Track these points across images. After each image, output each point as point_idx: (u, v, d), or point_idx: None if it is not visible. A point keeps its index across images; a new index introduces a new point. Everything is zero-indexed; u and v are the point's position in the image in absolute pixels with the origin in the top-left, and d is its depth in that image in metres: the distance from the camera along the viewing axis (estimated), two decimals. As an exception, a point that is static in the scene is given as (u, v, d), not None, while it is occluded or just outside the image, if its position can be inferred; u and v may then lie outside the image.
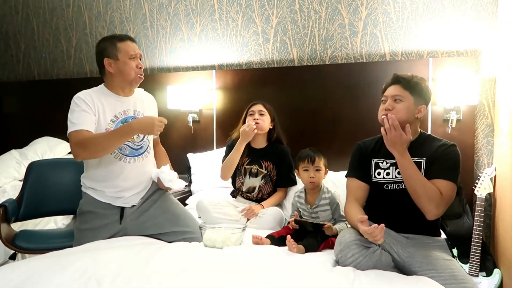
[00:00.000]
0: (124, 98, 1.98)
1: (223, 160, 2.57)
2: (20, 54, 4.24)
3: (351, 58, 2.99)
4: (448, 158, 1.70)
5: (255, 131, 2.43)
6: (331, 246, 1.82)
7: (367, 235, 1.53)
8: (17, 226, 2.56)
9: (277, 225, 2.28)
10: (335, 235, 1.84)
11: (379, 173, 1.80)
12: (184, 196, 2.95)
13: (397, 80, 1.78)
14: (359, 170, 1.84)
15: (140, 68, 1.96)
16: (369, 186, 1.82)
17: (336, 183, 2.47)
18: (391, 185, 1.77)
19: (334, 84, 2.95)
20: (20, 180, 3.23)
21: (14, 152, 3.59)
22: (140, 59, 1.98)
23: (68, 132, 1.83)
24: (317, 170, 2.11)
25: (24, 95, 4.12)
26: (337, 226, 1.93)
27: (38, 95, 4.01)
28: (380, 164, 1.81)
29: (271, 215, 2.31)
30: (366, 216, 1.59)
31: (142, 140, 2.01)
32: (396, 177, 1.75)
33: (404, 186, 1.70)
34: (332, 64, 3.02)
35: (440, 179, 1.65)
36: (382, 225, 1.51)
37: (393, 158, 1.75)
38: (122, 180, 1.93)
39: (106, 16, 3.80)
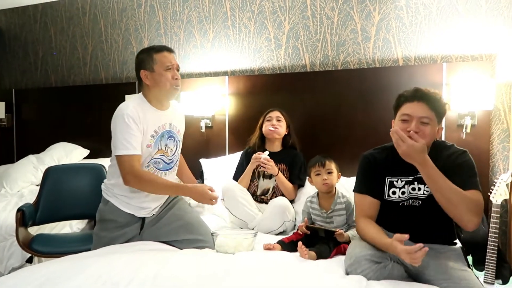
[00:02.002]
0: (161, 112, 1.96)
1: (237, 168, 2.69)
2: (38, 62, 4.34)
3: (363, 63, 2.98)
4: (465, 166, 1.62)
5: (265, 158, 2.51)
6: (343, 252, 1.81)
7: (405, 255, 1.40)
8: (34, 230, 2.61)
9: (280, 220, 2.34)
10: (347, 242, 1.84)
11: (394, 192, 1.70)
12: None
13: (424, 98, 1.60)
14: (370, 186, 1.72)
15: (176, 79, 1.93)
16: (381, 202, 1.73)
17: (349, 188, 2.44)
18: (406, 202, 1.69)
19: (347, 90, 2.94)
20: (37, 185, 3.29)
21: (31, 157, 3.67)
22: (178, 70, 1.96)
23: (121, 153, 1.80)
24: (329, 172, 2.12)
25: (42, 102, 4.22)
26: (349, 233, 1.92)
27: (55, 102, 4.11)
28: (395, 183, 1.70)
29: (270, 219, 2.36)
30: (407, 236, 1.44)
31: (173, 154, 2.02)
32: (410, 193, 1.68)
33: (420, 203, 1.65)
34: (344, 70, 3.01)
35: (469, 190, 1.55)
36: (426, 248, 1.39)
37: (408, 175, 1.67)
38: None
39: (121, 23, 3.87)
